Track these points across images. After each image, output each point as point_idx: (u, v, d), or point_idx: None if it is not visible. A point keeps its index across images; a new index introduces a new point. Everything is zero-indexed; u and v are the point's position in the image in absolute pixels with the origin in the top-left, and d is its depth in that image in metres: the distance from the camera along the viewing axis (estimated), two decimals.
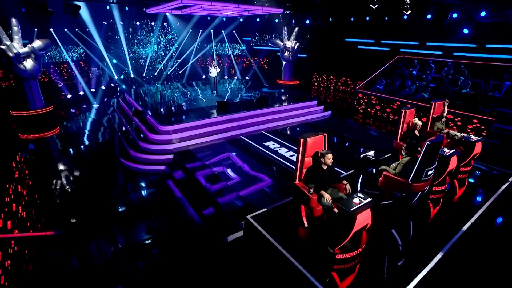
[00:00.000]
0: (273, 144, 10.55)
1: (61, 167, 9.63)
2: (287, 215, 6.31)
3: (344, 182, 5.70)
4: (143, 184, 8.69)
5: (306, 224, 5.82)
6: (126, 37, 22.17)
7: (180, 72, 24.85)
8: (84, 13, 18.67)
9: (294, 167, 6.20)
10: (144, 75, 23.75)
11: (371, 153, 7.07)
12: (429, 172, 5.87)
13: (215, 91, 15.65)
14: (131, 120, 12.93)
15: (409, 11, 13.66)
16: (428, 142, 5.56)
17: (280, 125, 12.58)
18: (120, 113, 14.27)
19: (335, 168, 8.32)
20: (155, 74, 24.16)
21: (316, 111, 14.24)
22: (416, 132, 7.90)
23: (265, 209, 6.64)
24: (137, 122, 12.05)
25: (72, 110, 15.99)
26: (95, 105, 16.59)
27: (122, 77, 22.25)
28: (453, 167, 7.24)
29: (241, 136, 11.30)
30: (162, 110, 13.01)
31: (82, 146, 11.33)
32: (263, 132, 11.78)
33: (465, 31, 15.15)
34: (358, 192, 5.17)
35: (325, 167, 5.57)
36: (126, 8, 19.26)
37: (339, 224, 4.91)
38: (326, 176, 5.57)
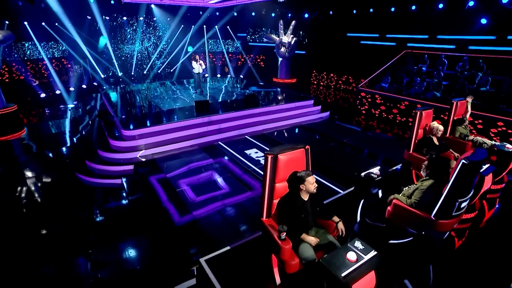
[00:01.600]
0: (256, 153, 8.60)
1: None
2: (255, 259, 4.37)
3: (335, 219, 3.76)
4: (95, 200, 6.79)
5: (278, 281, 3.86)
6: (109, 33, 20.36)
7: (171, 70, 23.02)
8: (63, 5, 16.94)
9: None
10: (132, 73, 21.95)
11: (375, 170, 5.10)
12: (463, 204, 3.89)
13: (199, 90, 13.73)
14: (99, 122, 11.06)
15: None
16: (463, 161, 3.58)
17: (268, 129, 10.63)
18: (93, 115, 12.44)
19: (330, 185, 6.52)
20: (145, 72, 22.35)
21: (312, 112, 12.27)
22: (435, 140, 5.91)
23: (228, 247, 4.70)
24: (102, 125, 10.18)
25: (47, 110, 14.16)
26: (70, 106, 14.75)
27: (104, 76, 20.44)
28: (487, 187, 5.28)
29: (219, 142, 9.37)
30: (133, 111, 11.12)
31: (41, 153, 9.42)
32: (246, 137, 9.83)
33: (483, 21, 13.09)
34: (355, 240, 3.21)
35: (306, 197, 3.63)
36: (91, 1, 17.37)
37: None
38: (307, 211, 3.63)
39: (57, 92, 16.90)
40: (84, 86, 18.42)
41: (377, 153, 8.72)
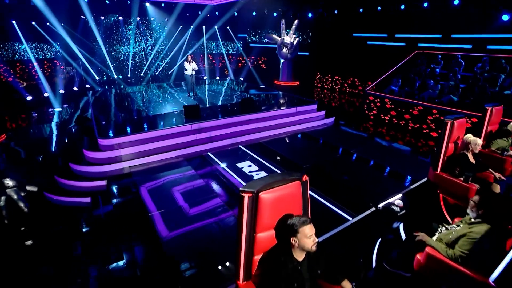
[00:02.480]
0: (249, 166, 7.33)
1: None
2: None
3: (346, 285, 2.49)
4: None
5: None
6: (104, 33, 19.28)
7: (170, 72, 21.87)
8: (54, 4, 15.91)
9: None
10: (128, 76, 20.83)
11: (397, 200, 3.83)
12: None
13: (192, 93, 12.51)
14: (78, 129, 9.86)
15: None
16: None
17: (265, 137, 9.35)
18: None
19: (335, 209, 5.03)
20: (141, 75, 21.22)
21: (316, 118, 10.98)
22: (471, 157, 4.60)
23: None
24: (79, 133, 8.98)
25: (33, 114, 13.04)
26: (56, 109, 13.62)
27: (99, 78, 19.35)
28: None
29: (208, 153, 8.11)
30: (117, 116, 9.93)
31: (10, 165, 8.24)
32: (240, 146, 8.57)
33: (505, 17, 11.75)
34: None
35: (300, 257, 2.38)
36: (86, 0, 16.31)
37: None
38: (302, 278, 2.37)
39: (45, 94, 15.80)
40: (75, 89, 17.32)
41: (390, 166, 7.40)
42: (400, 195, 3.99)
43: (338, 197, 5.90)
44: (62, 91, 16.79)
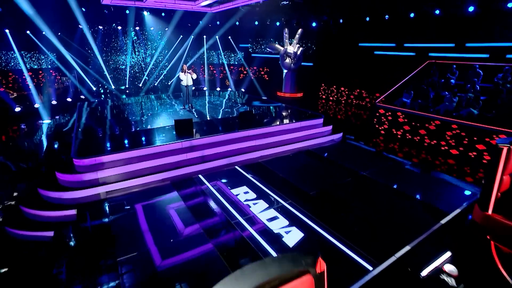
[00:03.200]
0: (246, 193, 6.16)
1: None
2: None
3: None
4: None
5: None
6: (100, 43, 18.43)
7: (169, 83, 20.92)
8: (49, 13, 15.09)
9: (279, 254, 1.68)
10: (126, 86, 19.90)
11: (448, 266, 2.61)
12: None
13: (187, 106, 11.44)
14: (56, 145, 8.78)
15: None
16: None
17: (266, 156, 8.20)
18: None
19: (350, 253, 4.02)
20: (140, 85, 20.28)
21: (322, 133, 9.83)
22: None
23: None
24: (56, 150, 7.90)
25: (22, 126, 12.05)
26: (46, 121, 12.61)
27: (95, 89, 18.42)
28: None
29: (199, 176, 6.96)
30: (101, 131, 8.85)
31: None
32: (236, 168, 7.41)
33: None
34: None
35: None
36: (83, 9, 15.49)
37: None
38: None
39: (36, 105, 14.83)
40: (69, 100, 16.35)
41: (413, 193, 6.21)
42: (448, 254, 2.82)
43: (353, 236, 4.72)
44: (54, 102, 15.84)
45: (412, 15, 14.17)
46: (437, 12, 13.23)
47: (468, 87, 10.90)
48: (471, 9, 12.02)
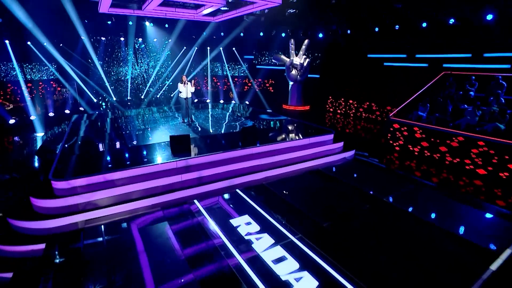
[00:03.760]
0: (248, 224, 5.17)
1: None
2: None
3: None
4: None
5: None
6: (102, 54, 17.84)
7: (171, 95, 20.20)
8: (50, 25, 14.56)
9: None
10: (128, 98, 19.19)
11: None
12: None
13: (187, 119, 10.56)
14: (39, 162, 7.90)
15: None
16: None
17: (271, 177, 7.21)
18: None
19: None
20: (142, 97, 19.56)
21: (332, 151, 8.85)
22: None
23: None
24: (36, 168, 7.01)
25: (15, 138, 11.29)
26: (39, 134, 11.83)
27: (96, 100, 17.73)
28: None
29: (195, 202, 5.98)
30: (89, 148, 7.97)
31: None
32: (237, 191, 6.43)
33: None
34: None
35: None
36: (86, 21, 14.97)
37: None
38: None
39: (31, 117, 14.11)
40: (67, 111, 15.63)
41: (448, 224, 5.17)
42: None
43: (378, 282, 3.70)
44: (52, 114, 15.12)
45: (424, 24, 13.31)
46: (452, 21, 12.35)
47: (491, 100, 9.91)
48: (489, 17, 11.13)
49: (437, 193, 6.73)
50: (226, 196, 6.26)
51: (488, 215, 5.78)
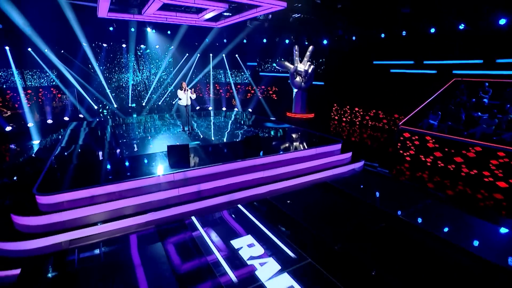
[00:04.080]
0: (250, 246, 4.58)
1: None
2: None
3: None
4: None
5: None
6: (104, 61, 17.48)
7: (173, 102, 19.74)
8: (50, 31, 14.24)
9: None
10: (130, 105, 18.76)
11: None
12: None
13: (187, 128, 10.05)
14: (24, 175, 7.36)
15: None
16: None
17: (275, 190, 6.63)
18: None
19: None
20: (143, 104, 19.13)
21: (341, 161, 8.27)
22: None
23: None
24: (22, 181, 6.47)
25: (10, 146, 10.84)
26: (35, 142, 11.37)
27: (97, 107, 17.33)
28: None
29: (192, 218, 5.42)
30: (81, 158, 7.45)
31: None
32: (239, 206, 5.86)
33: None
34: None
35: None
36: (87, 27, 14.67)
37: None
38: None
39: (29, 125, 13.68)
40: (66, 118, 15.21)
41: (474, 250, 4.56)
42: None
43: None
44: (50, 121, 14.69)
45: (432, 30, 12.80)
46: (462, 26, 11.84)
47: (507, 107, 9.32)
48: (502, 21, 10.61)
49: (458, 211, 6.11)
50: (227, 212, 5.69)
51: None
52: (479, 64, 11.96)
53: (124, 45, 18.00)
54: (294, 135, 10.08)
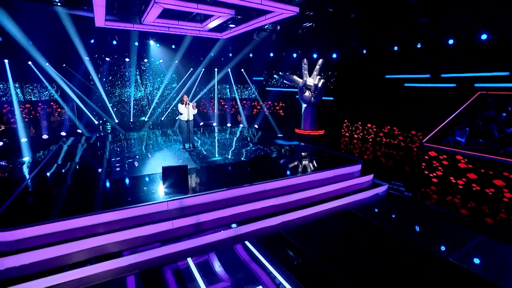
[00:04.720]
0: None
1: None
2: None
3: None
4: None
5: None
6: (106, 75, 16.74)
7: (176, 117, 18.81)
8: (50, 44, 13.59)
9: None
10: (131, 120, 17.88)
11: None
12: None
13: (188, 145, 8.97)
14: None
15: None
16: None
17: (289, 222, 5.43)
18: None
19: None
20: (145, 119, 18.23)
21: (362, 185, 7.08)
22: None
23: None
24: None
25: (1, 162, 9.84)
26: (25, 159, 10.36)
27: (97, 122, 16.47)
28: None
29: (188, 261, 4.23)
30: (66, 181, 6.37)
31: None
32: (246, 243, 4.67)
33: None
34: None
35: None
36: (91, 41, 14.01)
37: None
38: None
39: (23, 140, 12.76)
40: (63, 134, 14.30)
41: None
42: None
43: None
44: (45, 136, 13.78)
45: (451, 41, 11.82)
46: (484, 37, 10.84)
47: None
48: None
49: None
50: (231, 253, 4.51)
51: None
52: (506, 76, 10.88)
53: (127, 59, 17.31)
54: (306, 154, 8.94)
